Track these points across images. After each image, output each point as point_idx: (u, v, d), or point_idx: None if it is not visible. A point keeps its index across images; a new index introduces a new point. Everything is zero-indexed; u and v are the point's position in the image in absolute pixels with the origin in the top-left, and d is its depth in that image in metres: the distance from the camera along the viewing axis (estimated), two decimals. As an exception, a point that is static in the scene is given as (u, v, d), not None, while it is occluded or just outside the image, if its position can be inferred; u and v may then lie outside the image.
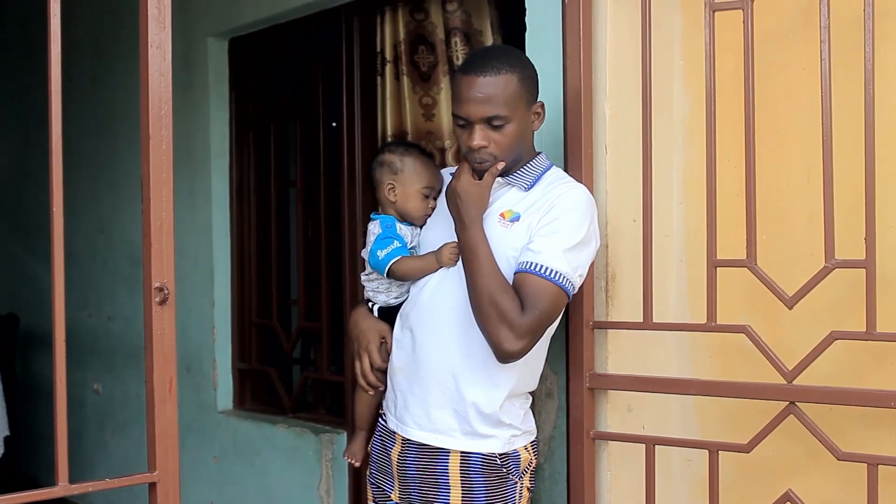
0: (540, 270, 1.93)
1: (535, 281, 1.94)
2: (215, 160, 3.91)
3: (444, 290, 2.09)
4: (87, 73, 4.58)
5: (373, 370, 2.24)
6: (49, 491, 1.43)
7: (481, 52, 2.27)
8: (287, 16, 3.54)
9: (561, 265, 1.94)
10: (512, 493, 2.08)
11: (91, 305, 4.72)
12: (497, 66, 1.99)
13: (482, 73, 1.98)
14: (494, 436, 2.07)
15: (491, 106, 1.98)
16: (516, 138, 2.02)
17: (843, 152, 1.93)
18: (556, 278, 1.93)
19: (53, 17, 1.44)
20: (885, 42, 1.93)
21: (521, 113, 2.02)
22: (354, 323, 2.31)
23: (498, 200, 2.08)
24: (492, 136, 2.00)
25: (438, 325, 2.09)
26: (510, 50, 2.11)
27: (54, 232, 1.44)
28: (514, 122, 2.00)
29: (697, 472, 2.20)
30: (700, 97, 2.13)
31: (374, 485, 2.24)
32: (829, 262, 1.93)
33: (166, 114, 1.53)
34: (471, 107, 1.99)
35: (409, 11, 3.10)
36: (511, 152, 2.03)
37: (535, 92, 2.07)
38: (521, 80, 2.01)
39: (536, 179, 2.09)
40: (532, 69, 2.08)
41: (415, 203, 2.23)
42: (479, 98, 1.98)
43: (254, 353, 3.94)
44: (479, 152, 2.01)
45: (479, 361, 2.04)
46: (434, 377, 2.08)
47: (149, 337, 1.52)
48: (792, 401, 1.98)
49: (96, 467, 4.66)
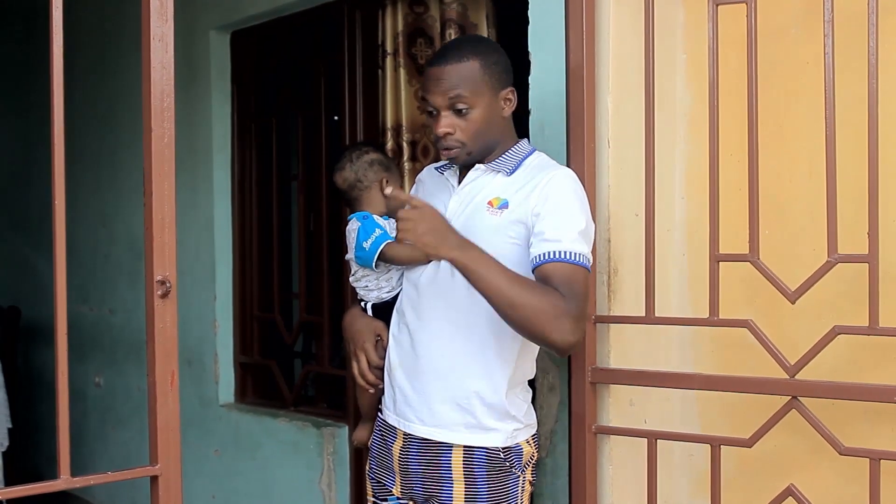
0: (565, 257, 1.92)
1: (564, 268, 1.92)
2: (217, 153, 3.91)
3: (439, 283, 2.09)
4: (89, 66, 4.58)
5: (371, 368, 2.24)
6: (51, 484, 1.43)
7: (448, 43, 2.32)
8: (289, 9, 3.54)
9: (581, 247, 1.95)
10: (514, 488, 2.08)
11: (92, 299, 4.72)
12: (459, 55, 2.03)
13: (446, 61, 2.03)
14: (497, 429, 2.06)
15: (454, 93, 2.01)
16: (483, 124, 2.04)
17: (846, 147, 1.93)
18: (581, 260, 1.94)
19: (56, 9, 1.44)
20: (889, 37, 1.93)
21: (487, 99, 2.04)
22: (349, 324, 2.31)
23: (484, 189, 2.08)
24: (457, 122, 2.03)
25: (435, 318, 2.09)
26: (477, 38, 2.18)
27: (56, 225, 1.44)
28: (479, 108, 2.03)
29: (699, 466, 2.20)
30: (703, 91, 2.12)
31: (375, 479, 2.24)
32: (831, 257, 1.93)
33: (168, 107, 1.53)
34: (435, 95, 2.03)
35: (409, 4, 3.10)
36: (478, 138, 2.05)
37: (503, 78, 2.08)
38: (484, 66, 2.03)
39: (518, 164, 2.09)
40: (499, 55, 2.09)
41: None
42: (442, 85, 2.01)
43: (255, 346, 3.94)
44: (446, 139, 2.04)
45: (477, 351, 2.05)
46: (434, 371, 2.08)
47: (150, 330, 1.53)
48: (794, 395, 1.98)
49: (97, 460, 4.66)
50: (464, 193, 2.11)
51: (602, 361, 2.28)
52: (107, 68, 4.50)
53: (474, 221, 2.04)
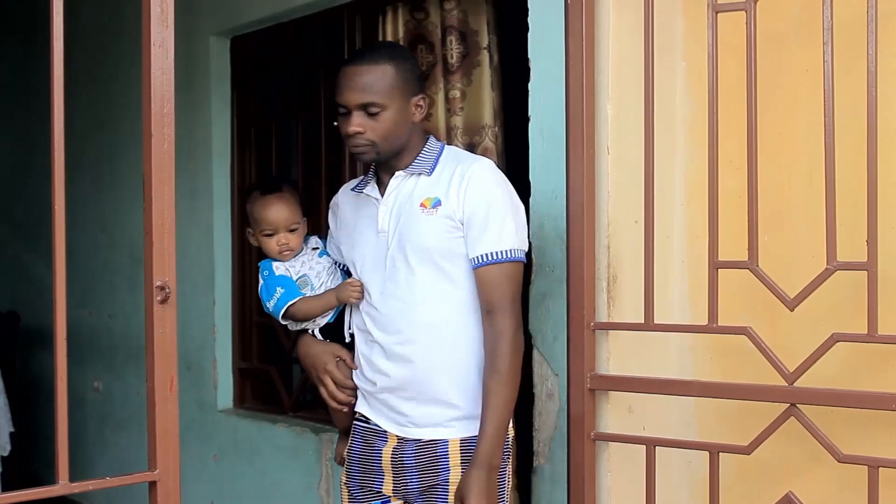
0: (500, 257, 2.05)
1: (500, 270, 2.05)
2: (217, 159, 3.91)
3: (394, 292, 2.11)
4: (89, 72, 4.58)
5: (339, 388, 2.25)
6: (50, 489, 1.43)
7: (363, 47, 2.37)
8: (289, 15, 3.54)
9: (512, 240, 2.06)
10: (503, 472, 2.10)
11: (92, 303, 4.71)
12: (374, 58, 2.09)
13: (360, 63, 2.09)
14: None
15: (367, 93, 2.06)
16: (392, 125, 2.08)
17: (845, 154, 1.93)
18: (514, 255, 2.06)
19: (56, 15, 1.44)
20: (888, 44, 1.93)
21: (399, 102, 2.09)
22: (304, 353, 2.33)
23: (412, 193, 2.12)
24: (368, 123, 2.07)
25: (402, 326, 2.11)
26: (391, 44, 2.28)
27: (56, 230, 1.44)
28: (390, 111, 2.07)
29: (698, 473, 2.20)
30: (702, 98, 2.12)
31: (357, 486, 2.23)
32: (830, 264, 1.93)
33: (168, 112, 1.53)
34: (348, 94, 2.07)
35: (410, 11, 3.10)
36: (387, 139, 2.09)
37: (415, 85, 2.15)
38: (398, 71, 2.09)
39: (436, 162, 2.15)
40: (412, 63, 2.18)
41: (265, 245, 2.32)
42: (356, 86, 2.06)
43: (254, 351, 3.94)
44: (355, 138, 2.08)
45: (449, 350, 2.09)
46: (415, 377, 2.10)
47: (150, 335, 1.53)
48: (793, 402, 1.97)
49: (96, 465, 4.66)
50: (390, 201, 2.16)
51: (601, 368, 2.28)
52: (107, 73, 4.50)
53: (411, 225, 2.09)
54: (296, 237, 2.32)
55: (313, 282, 2.30)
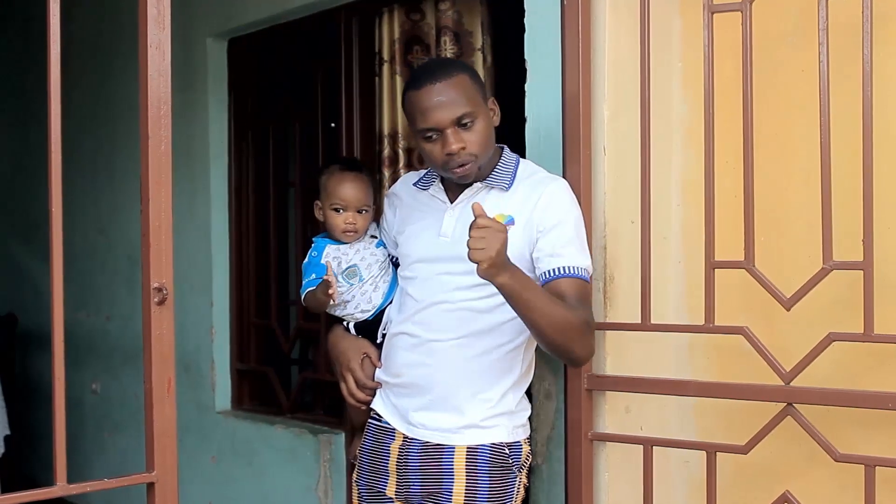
0: (573, 272, 2.00)
1: (575, 283, 2.00)
2: (214, 160, 3.91)
3: (441, 295, 2.09)
4: (86, 73, 4.58)
5: (360, 387, 2.24)
6: (47, 491, 1.43)
7: (425, 66, 2.32)
8: (286, 16, 3.54)
9: (585, 260, 2.04)
10: (512, 486, 2.09)
11: (89, 305, 4.71)
12: (447, 70, 2.04)
13: (437, 80, 2.01)
14: (499, 425, 2.08)
15: (458, 106, 1.99)
16: (487, 132, 2.05)
17: (841, 154, 1.93)
18: (584, 274, 2.03)
19: (53, 16, 1.44)
20: (883, 45, 1.93)
21: (483, 108, 2.06)
22: (333, 344, 2.32)
23: (485, 203, 2.03)
24: (465, 136, 2.01)
25: (439, 329, 2.10)
26: (449, 59, 2.27)
27: (53, 231, 1.44)
28: (481, 118, 2.03)
29: (695, 473, 2.20)
30: (699, 99, 2.13)
31: (364, 485, 2.23)
32: (826, 264, 1.94)
33: (165, 114, 1.53)
34: (438, 114, 1.99)
35: (406, 12, 3.11)
36: (486, 148, 2.05)
37: (485, 89, 2.12)
38: (472, 77, 2.07)
39: (513, 177, 2.11)
40: (475, 70, 2.20)
41: (330, 220, 2.30)
42: (443, 103, 1.99)
43: (252, 353, 3.94)
44: (459, 155, 2.00)
45: (479, 361, 2.07)
46: (441, 380, 2.09)
47: (147, 337, 1.52)
48: (790, 402, 1.98)
49: (94, 467, 4.65)
50: (458, 209, 2.12)
51: (598, 368, 2.28)
52: (104, 75, 4.50)
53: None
54: (363, 220, 2.29)
55: (362, 273, 2.27)
